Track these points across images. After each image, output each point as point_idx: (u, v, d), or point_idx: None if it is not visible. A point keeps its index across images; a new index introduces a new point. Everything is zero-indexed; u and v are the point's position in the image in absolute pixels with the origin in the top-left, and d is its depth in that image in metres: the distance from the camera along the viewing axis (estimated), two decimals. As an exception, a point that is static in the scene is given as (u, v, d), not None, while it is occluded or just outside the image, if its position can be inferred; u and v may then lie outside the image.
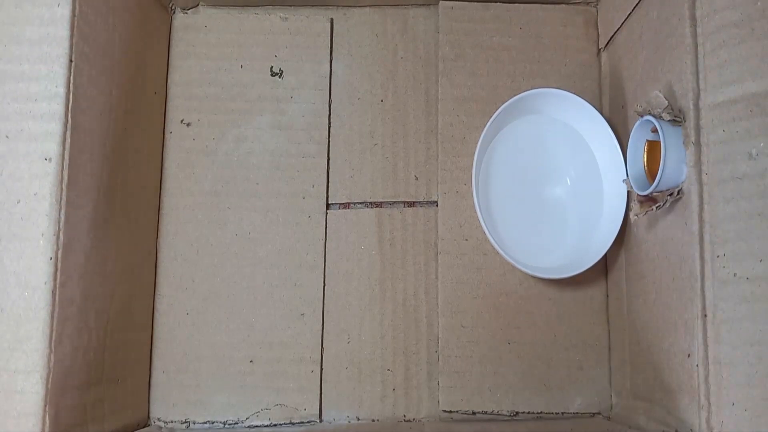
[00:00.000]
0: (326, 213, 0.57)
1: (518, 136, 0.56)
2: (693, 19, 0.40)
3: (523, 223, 0.55)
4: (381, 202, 0.57)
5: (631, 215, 0.45)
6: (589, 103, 0.53)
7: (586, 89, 0.57)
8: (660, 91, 0.42)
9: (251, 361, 0.55)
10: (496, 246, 0.51)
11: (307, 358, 0.55)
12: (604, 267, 0.56)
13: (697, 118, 0.39)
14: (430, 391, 0.55)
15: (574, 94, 0.53)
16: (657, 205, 0.42)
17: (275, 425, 0.54)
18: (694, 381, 0.38)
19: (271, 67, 0.58)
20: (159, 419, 0.54)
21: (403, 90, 0.59)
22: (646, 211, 0.43)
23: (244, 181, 0.57)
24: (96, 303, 0.46)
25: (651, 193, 0.43)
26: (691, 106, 0.40)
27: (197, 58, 0.58)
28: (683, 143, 0.40)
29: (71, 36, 0.42)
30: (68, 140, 0.42)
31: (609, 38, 0.56)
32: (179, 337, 0.55)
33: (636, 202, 0.48)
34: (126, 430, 0.50)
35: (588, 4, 0.58)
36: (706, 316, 0.37)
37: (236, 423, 0.54)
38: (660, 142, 0.41)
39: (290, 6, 0.59)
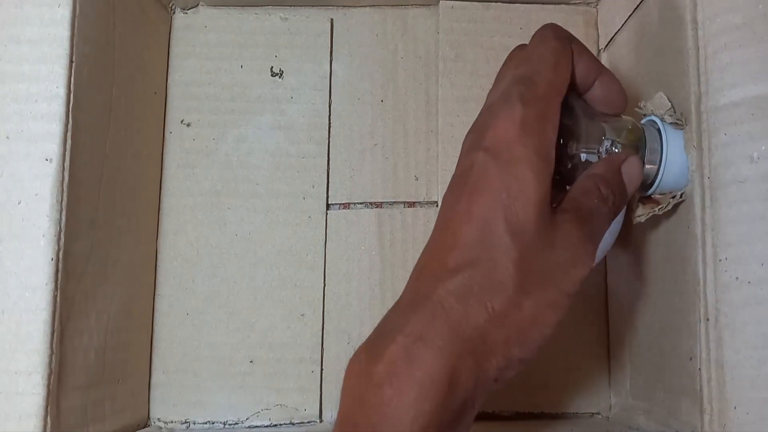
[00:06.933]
0: (326, 213, 0.57)
1: (518, 137, 0.56)
2: (694, 21, 0.40)
3: (523, 224, 0.55)
4: (381, 203, 0.57)
5: (633, 217, 0.45)
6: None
7: (586, 90, 0.57)
8: (663, 93, 0.42)
9: (251, 362, 0.55)
10: (496, 247, 0.51)
11: (308, 359, 0.55)
12: (604, 267, 0.56)
13: (699, 121, 0.39)
14: (430, 391, 0.55)
15: (575, 94, 0.53)
16: (659, 207, 0.42)
17: (275, 425, 0.54)
18: (696, 384, 0.38)
19: (271, 67, 0.58)
20: (159, 419, 0.54)
21: (403, 90, 0.59)
22: (648, 213, 0.43)
23: (244, 181, 0.57)
24: (96, 303, 0.46)
25: (651, 194, 0.43)
26: (693, 110, 0.39)
27: (197, 58, 0.58)
28: (684, 147, 0.40)
29: (71, 36, 0.42)
30: (69, 141, 0.42)
31: (609, 39, 0.56)
32: (179, 337, 0.55)
33: (637, 203, 0.48)
34: (126, 430, 0.50)
35: (588, 4, 0.58)
36: (708, 319, 0.37)
37: (236, 423, 0.54)
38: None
39: (290, 6, 0.59)
